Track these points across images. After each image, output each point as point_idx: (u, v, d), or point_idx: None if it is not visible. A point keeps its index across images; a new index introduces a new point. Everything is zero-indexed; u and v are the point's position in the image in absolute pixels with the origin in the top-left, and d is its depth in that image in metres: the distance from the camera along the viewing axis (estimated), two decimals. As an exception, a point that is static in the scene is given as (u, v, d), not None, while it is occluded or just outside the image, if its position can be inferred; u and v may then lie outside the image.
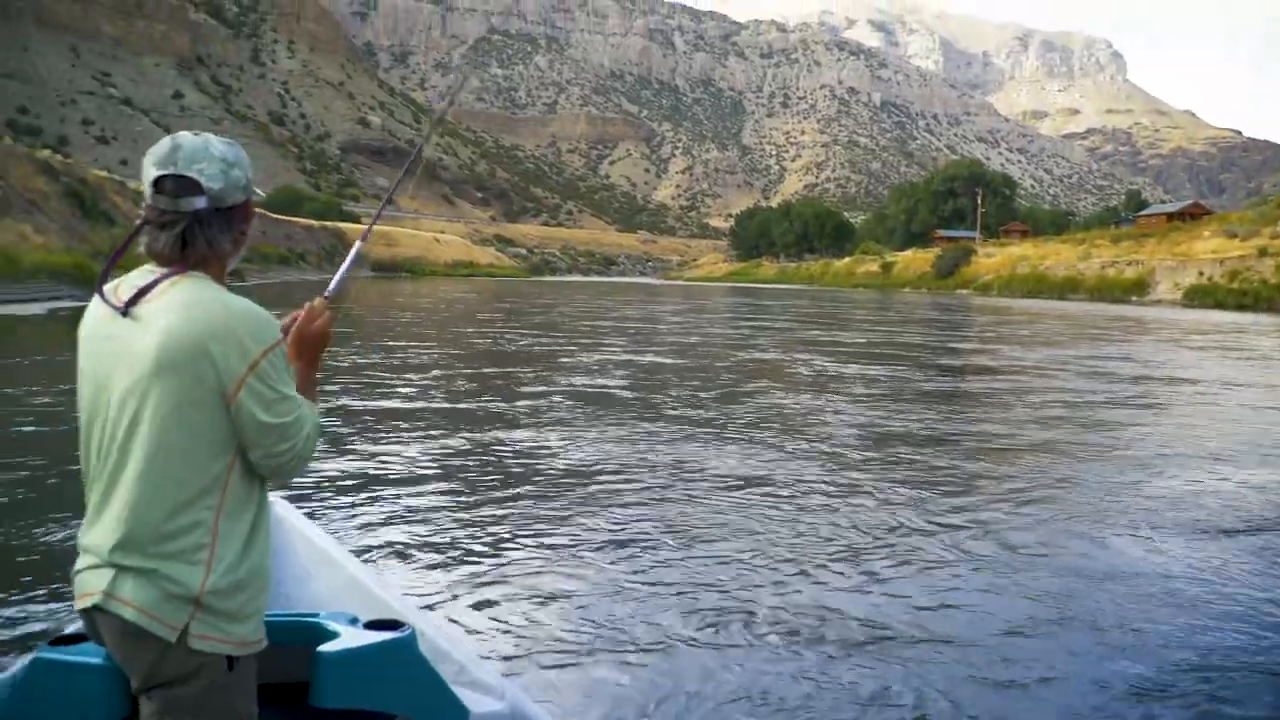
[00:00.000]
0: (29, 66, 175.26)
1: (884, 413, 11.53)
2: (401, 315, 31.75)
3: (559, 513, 6.48)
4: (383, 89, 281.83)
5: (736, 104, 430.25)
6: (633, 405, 11.66)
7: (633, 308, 41.80)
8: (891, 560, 5.55)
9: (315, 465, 7.60)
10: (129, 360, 1.86)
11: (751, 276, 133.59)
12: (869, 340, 24.20)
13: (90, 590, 1.87)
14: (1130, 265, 64.14)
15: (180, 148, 1.91)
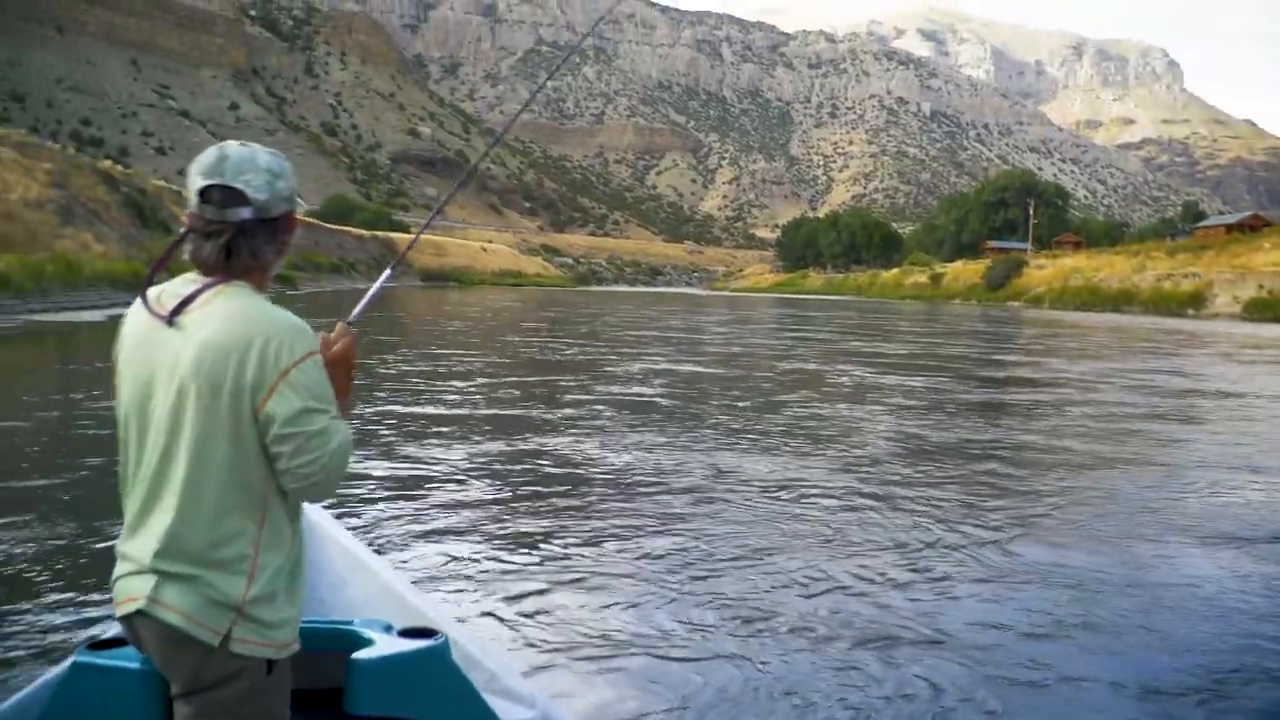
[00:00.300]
0: (93, 80, 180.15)
1: (921, 423, 11.55)
2: (449, 323, 32.19)
3: (595, 517, 6.62)
4: (433, 100, 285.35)
5: (784, 114, 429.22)
6: (672, 413, 11.79)
7: (676, 318, 41.94)
8: (921, 566, 5.63)
9: (359, 468, 7.83)
10: (170, 369, 1.87)
11: (798, 287, 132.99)
12: (911, 352, 24.10)
13: (133, 595, 1.89)
14: (1187, 278, 62.93)
15: (227, 158, 1.92)
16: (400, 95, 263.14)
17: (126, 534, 1.94)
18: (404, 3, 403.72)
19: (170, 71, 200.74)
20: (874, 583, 5.31)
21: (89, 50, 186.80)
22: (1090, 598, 5.18)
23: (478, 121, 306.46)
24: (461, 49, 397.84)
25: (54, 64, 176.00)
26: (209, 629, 1.84)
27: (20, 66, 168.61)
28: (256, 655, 1.88)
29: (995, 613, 4.90)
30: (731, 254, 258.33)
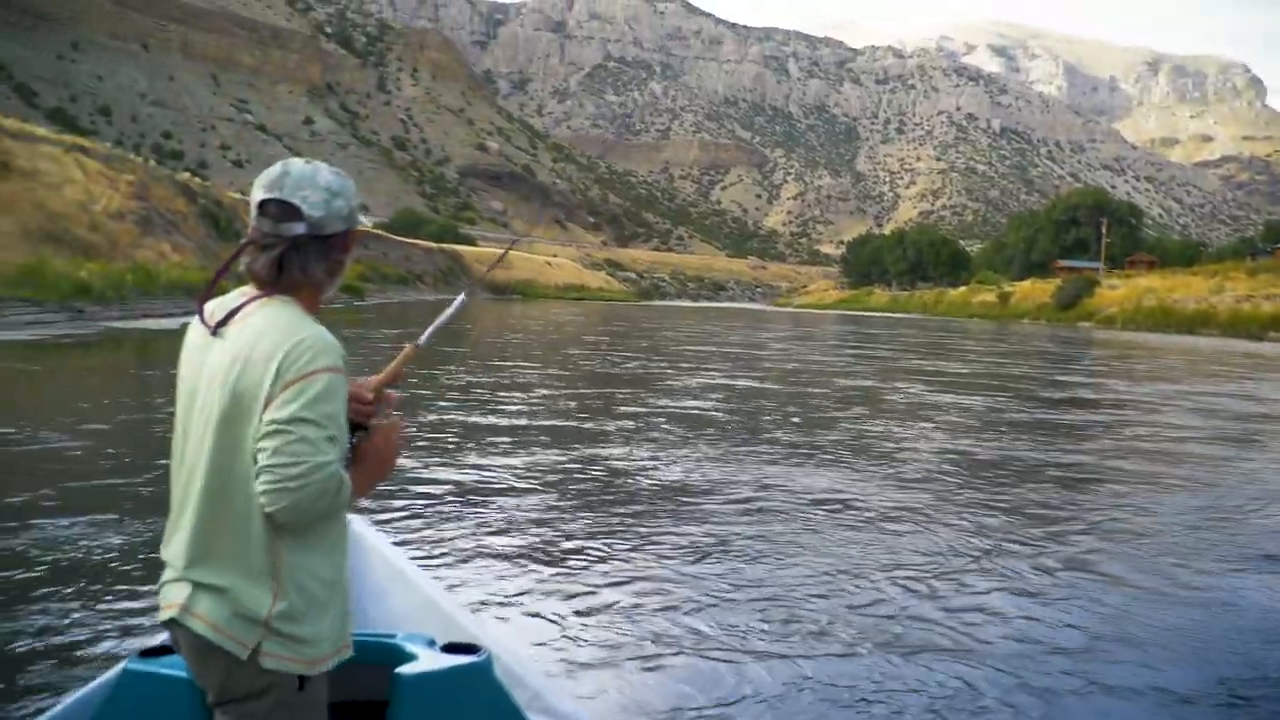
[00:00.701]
0: (175, 95, 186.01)
1: (974, 441, 11.55)
2: (512, 336, 32.65)
3: (646, 526, 6.81)
4: (501, 115, 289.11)
5: (850, 130, 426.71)
6: (726, 427, 11.93)
7: (737, 333, 41.98)
8: (963, 579, 5.72)
9: (421, 473, 8.12)
10: (209, 379, 1.90)
11: (862, 304, 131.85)
12: (972, 371, 23.89)
13: (171, 603, 1.91)
14: (1268, 299, 61.07)
15: (289, 174, 1.94)
16: (469, 110, 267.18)
17: (166, 540, 1.97)
18: (475, 20, 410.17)
19: (248, 87, 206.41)
20: (916, 594, 5.42)
21: (172, 66, 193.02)
22: (1129, 615, 5.23)
23: (545, 136, 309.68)
24: (530, 65, 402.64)
25: (139, 79, 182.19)
26: (237, 641, 1.83)
27: (107, 82, 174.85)
28: (286, 670, 1.86)
29: (1035, 626, 4.99)
30: (795, 270, 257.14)
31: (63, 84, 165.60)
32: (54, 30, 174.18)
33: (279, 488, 1.77)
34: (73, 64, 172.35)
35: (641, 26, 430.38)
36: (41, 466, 7.68)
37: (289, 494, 1.77)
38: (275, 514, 1.80)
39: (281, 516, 1.80)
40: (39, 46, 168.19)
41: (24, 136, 37.27)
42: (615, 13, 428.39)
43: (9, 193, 29.82)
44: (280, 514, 1.79)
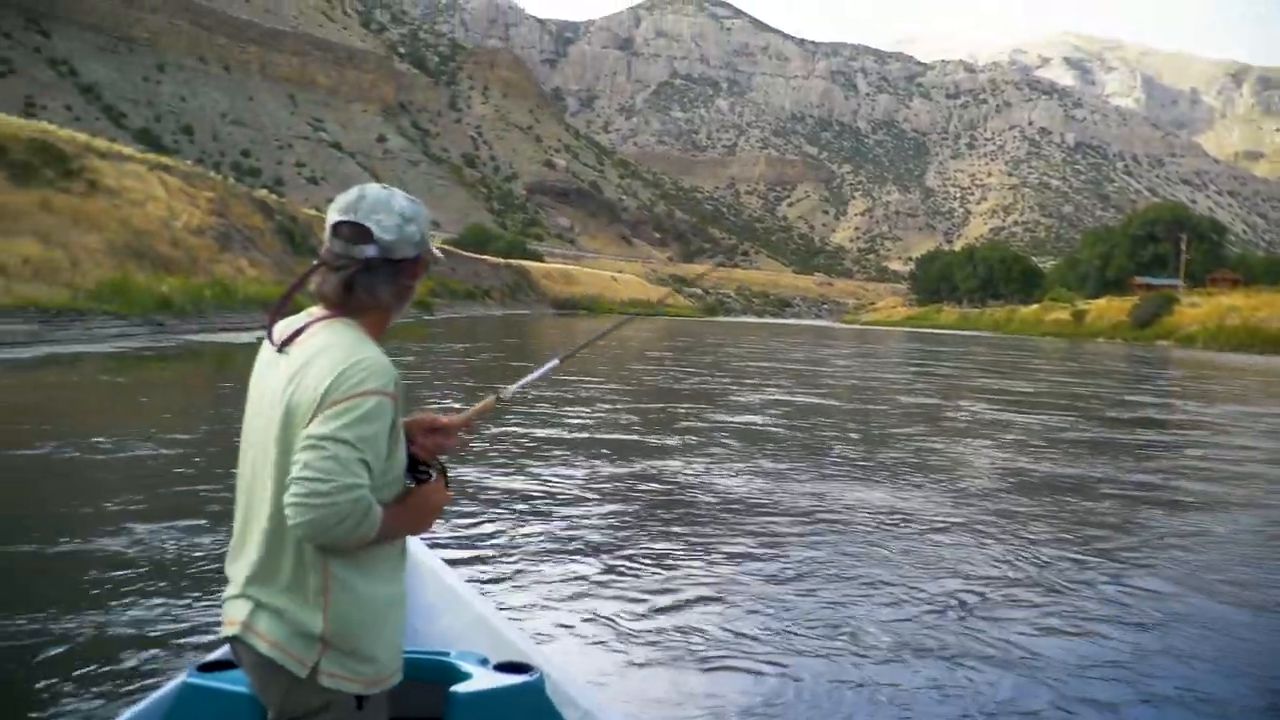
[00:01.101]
0: (253, 114, 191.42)
1: (1034, 459, 11.48)
2: (583, 352, 32.93)
3: (703, 538, 6.97)
4: (568, 132, 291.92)
5: (920, 145, 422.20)
6: (785, 442, 12.01)
7: (801, 350, 41.82)
8: (1013, 593, 5.77)
9: (485, 481, 8.35)
10: (270, 396, 1.92)
11: (931, 321, 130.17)
12: (1040, 389, 23.53)
13: (232, 619, 1.92)
14: (1361, 319, 58.94)
15: (364, 198, 1.97)
16: (538, 128, 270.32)
17: (230, 556, 1.99)
18: (545, 38, 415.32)
19: (324, 106, 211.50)
20: (968, 605, 5.51)
21: (251, 87, 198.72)
22: (1181, 630, 5.26)
23: (611, 153, 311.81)
24: (598, 82, 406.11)
25: (220, 99, 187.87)
26: (297, 659, 1.85)
27: (190, 102, 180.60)
28: (344, 690, 1.86)
29: (1086, 638, 5.04)
30: (863, 286, 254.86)
31: (148, 104, 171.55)
32: (140, 53, 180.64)
33: (303, 502, 1.75)
34: (158, 85, 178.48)
35: (708, 43, 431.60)
36: (134, 474, 8.10)
37: (311, 510, 1.75)
38: (297, 529, 1.78)
39: (302, 532, 1.78)
40: (127, 69, 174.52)
41: (111, 156, 38.77)
42: (682, 30, 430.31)
43: (96, 210, 31.04)
44: (301, 529, 1.78)
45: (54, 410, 12.16)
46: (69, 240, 26.54)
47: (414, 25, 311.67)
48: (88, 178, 33.77)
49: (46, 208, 28.53)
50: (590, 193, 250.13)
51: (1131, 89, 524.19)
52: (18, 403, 12.62)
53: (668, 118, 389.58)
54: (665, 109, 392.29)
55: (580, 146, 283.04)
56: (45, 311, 21.13)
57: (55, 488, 7.55)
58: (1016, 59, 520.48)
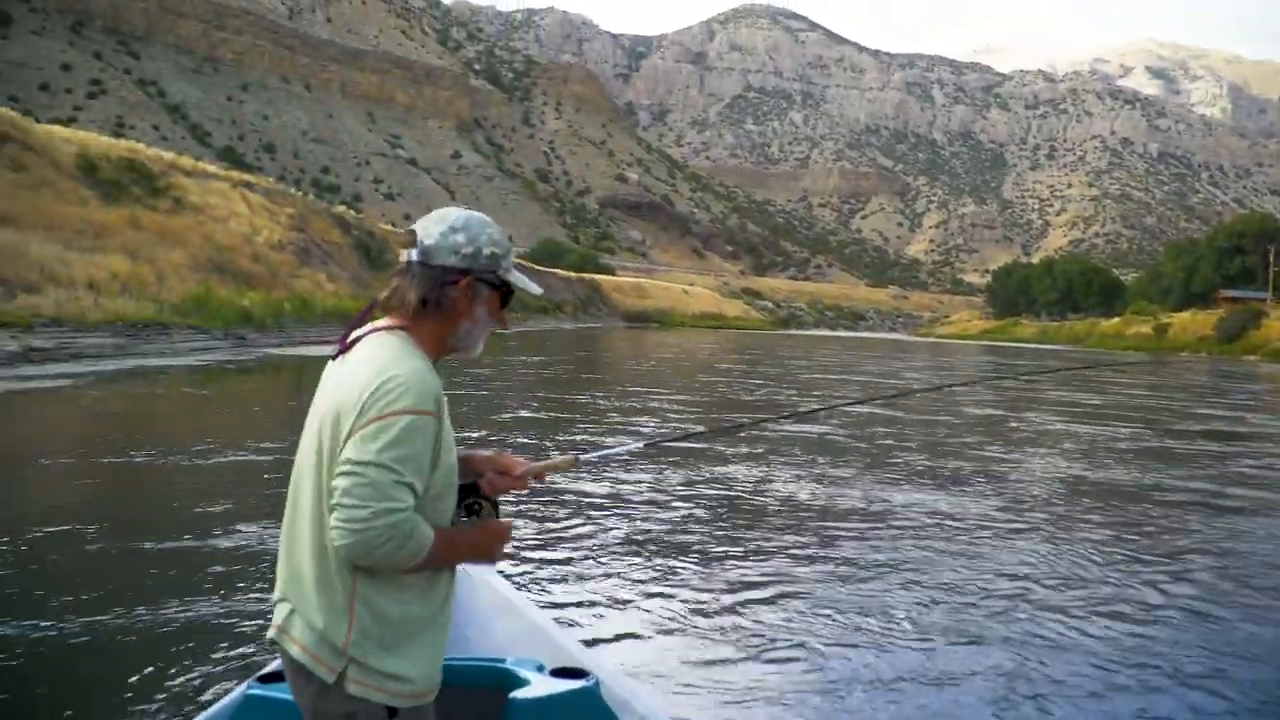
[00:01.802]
0: (333, 131, 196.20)
1: (1093, 467, 11.42)
2: (648, 362, 33.11)
3: (761, 541, 7.04)
4: (640, 146, 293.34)
5: (997, 156, 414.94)
6: (845, 450, 11.95)
7: (872, 362, 41.39)
8: (1066, 591, 5.74)
9: (553, 486, 8.47)
10: (318, 406, 1.96)
11: (1008, 335, 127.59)
12: (1112, 402, 22.98)
13: (275, 623, 1.97)
14: None
15: (433, 212, 2.05)
16: (610, 142, 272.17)
17: (278, 560, 2.02)
18: (618, 53, 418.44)
19: (401, 123, 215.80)
20: (1018, 599, 5.51)
21: (331, 105, 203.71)
22: (1218, 635, 5.25)
23: (683, 166, 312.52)
24: (670, 96, 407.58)
25: (301, 118, 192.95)
26: (324, 665, 1.86)
27: (272, 121, 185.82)
28: (372, 699, 1.87)
29: (1131, 643, 5.00)
30: (938, 299, 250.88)
31: (232, 123, 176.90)
32: (225, 74, 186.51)
33: (343, 527, 1.77)
34: (241, 105, 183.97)
35: (782, 56, 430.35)
36: (231, 478, 8.51)
37: (351, 535, 1.76)
38: (339, 551, 1.81)
39: (345, 554, 1.81)
40: (212, 89, 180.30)
41: (196, 174, 40.11)
42: (756, 43, 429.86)
43: (181, 226, 32.14)
44: (344, 552, 1.80)
45: (146, 420, 12.67)
46: (155, 256, 27.53)
47: (489, 42, 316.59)
48: (174, 195, 35.03)
49: (135, 224, 29.65)
50: (662, 206, 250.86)
51: (1217, 98, 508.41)
52: (113, 412, 13.17)
53: (740, 131, 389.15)
54: (738, 122, 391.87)
55: (652, 160, 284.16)
56: (132, 325, 21.94)
57: (162, 491, 7.97)
58: (1097, 68, 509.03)
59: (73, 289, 22.02)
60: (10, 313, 18.92)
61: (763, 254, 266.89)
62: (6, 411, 12.53)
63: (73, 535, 6.32)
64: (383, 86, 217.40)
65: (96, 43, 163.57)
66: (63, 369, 17.04)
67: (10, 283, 20.58)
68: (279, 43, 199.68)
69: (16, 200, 25.93)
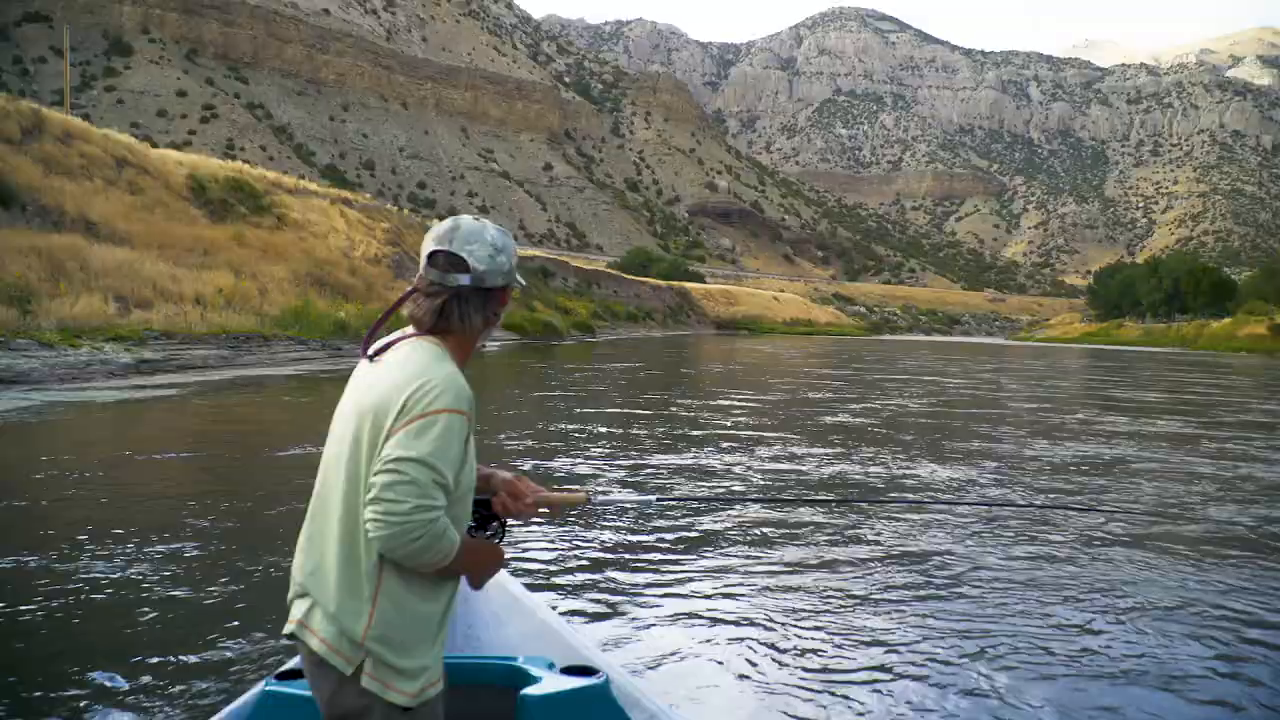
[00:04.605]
0: (429, 147, 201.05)
1: (1133, 451, 11.33)
2: (735, 367, 33.34)
3: (772, 539, 7.31)
4: (729, 153, 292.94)
5: (1098, 154, 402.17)
6: (906, 441, 12.11)
7: (959, 365, 40.82)
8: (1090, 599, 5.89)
9: (600, 475, 8.90)
10: (351, 405, 2.01)
11: (1111, 338, 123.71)
12: (1177, 398, 22.38)
13: (293, 617, 2.01)
14: None
15: (459, 228, 2.06)
16: (699, 150, 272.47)
17: (296, 554, 2.06)
18: (706, 61, 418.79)
19: (494, 137, 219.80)
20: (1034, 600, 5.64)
21: (427, 121, 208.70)
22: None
23: (773, 173, 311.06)
24: (759, 102, 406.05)
25: (399, 135, 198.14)
26: (342, 658, 1.91)
27: (371, 139, 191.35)
28: (384, 697, 1.91)
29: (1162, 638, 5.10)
30: (1037, 302, 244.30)
31: (334, 142, 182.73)
32: (328, 94, 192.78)
33: (382, 521, 1.82)
34: (342, 124, 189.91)
35: (872, 58, 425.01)
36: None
37: (388, 527, 1.82)
38: (375, 543, 1.87)
39: (381, 547, 1.86)
40: (315, 110, 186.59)
41: (298, 192, 41.84)
42: (845, 47, 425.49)
43: (283, 242, 33.62)
44: (380, 545, 1.86)
45: (248, 423, 13.54)
46: (258, 271, 28.90)
47: (579, 55, 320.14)
48: (277, 213, 36.66)
49: (240, 241, 31.17)
50: (752, 213, 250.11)
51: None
52: (218, 417, 14.10)
53: (830, 135, 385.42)
54: (828, 126, 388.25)
55: (742, 167, 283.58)
56: (235, 337, 23.14)
57: (264, 480, 8.66)
58: (1204, 59, 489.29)
59: (181, 304, 23.34)
60: (125, 327, 20.20)
61: (854, 259, 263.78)
62: (125, 416, 13.52)
63: (188, 513, 7.10)
64: (476, 102, 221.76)
65: (209, 69, 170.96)
66: (171, 379, 18.15)
67: (125, 299, 21.94)
68: (377, 63, 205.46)
69: (133, 221, 27.56)
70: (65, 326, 18.65)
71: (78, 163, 28.89)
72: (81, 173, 28.55)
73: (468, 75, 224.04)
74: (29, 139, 27.48)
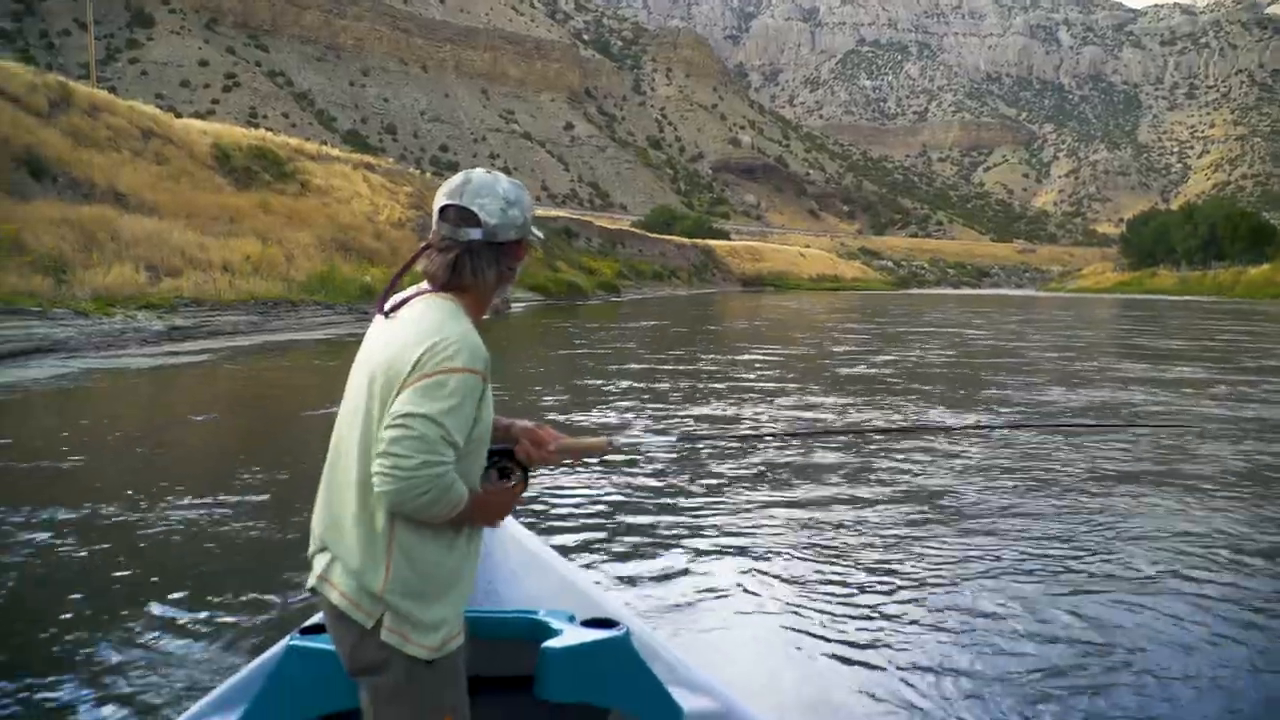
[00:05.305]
0: (450, 110, 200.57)
1: (1141, 395, 11.32)
2: (760, 323, 33.42)
3: (791, 494, 7.48)
4: (752, 108, 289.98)
5: (1131, 99, 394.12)
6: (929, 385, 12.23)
7: (984, 318, 40.66)
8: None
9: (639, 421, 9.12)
10: (367, 359, 2.01)
11: (1145, 287, 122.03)
12: (1201, 345, 22.27)
13: (313, 571, 2.04)
14: None
15: (469, 182, 2.04)
16: (722, 105, 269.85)
17: (315, 509, 2.08)
18: (727, 15, 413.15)
19: (514, 98, 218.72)
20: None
21: (448, 84, 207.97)
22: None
23: (797, 127, 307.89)
24: (782, 55, 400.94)
25: (419, 98, 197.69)
26: (363, 612, 1.93)
27: (392, 103, 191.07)
28: (404, 650, 1.92)
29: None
30: (1068, 252, 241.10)
31: (355, 107, 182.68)
32: (347, 60, 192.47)
33: (388, 474, 1.83)
34: (363, 89, 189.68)
35: (896, 6, 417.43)
36: None
37: (395, 482, 1.82)
38: (382, 498, 1.87)
39: (387, 500, 1.87)
40: (335, 76, 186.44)
41: (321, 158, 42.06)
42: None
43: (307, 208, 33.92)
44: (386, 499, 1.86)
45: (278, 386, 13.87)
46: (284, 237, 29.23)
47: (598, 12, 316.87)
48: (300, 179, 36.93)
49: (265, 209, 31.48)
50: (776, 168, 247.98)
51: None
52: (248, 381, 14.44)
53: (855, 87, 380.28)
54: (852, 78, 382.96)
55: (765, 122, 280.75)
56: (263, 303, 23.51)
57: (321, 445, 8.91)
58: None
59: (210, 271, 23.70)
60: (156, 295, 20.59)
61: (880, 212, 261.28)
62: (159, 382, 13.89)
63: (224, 470, 7.42)
64: (495, 63, 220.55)
65: (229, 38, 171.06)
66: (203, 345, 18.54)
67: (156, 267, 22.32)
68: (395, 26, 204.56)
69: (160, 191, 27.92)
70: (99, 296, 19.05)
71: (105, 134, 29.22)
72: (109, 144, 28.89)
73: (486, 36, 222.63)
74: (57, 112, 27.82)
